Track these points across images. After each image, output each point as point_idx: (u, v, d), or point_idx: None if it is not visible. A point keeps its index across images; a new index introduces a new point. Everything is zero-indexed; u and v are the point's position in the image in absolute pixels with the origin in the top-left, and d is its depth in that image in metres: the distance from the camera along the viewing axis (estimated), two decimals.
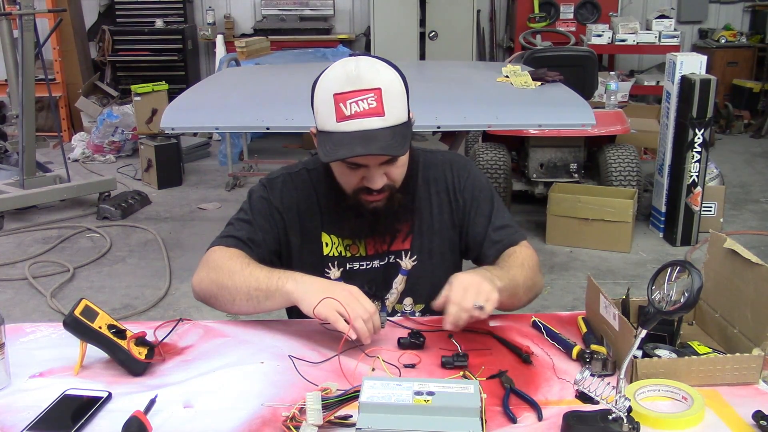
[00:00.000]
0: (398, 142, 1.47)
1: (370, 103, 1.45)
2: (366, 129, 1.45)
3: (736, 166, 6.11)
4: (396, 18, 6.90)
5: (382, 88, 1.45)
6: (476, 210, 1.70)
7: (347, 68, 1.47)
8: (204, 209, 5.22)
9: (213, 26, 7.57)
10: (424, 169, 1.72)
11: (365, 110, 1.45)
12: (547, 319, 1.56)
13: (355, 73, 1.45)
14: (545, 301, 3.73)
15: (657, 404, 1.25)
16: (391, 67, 1.52)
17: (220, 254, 1.62)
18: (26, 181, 4.99)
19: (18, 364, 1.38)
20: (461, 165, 1.74)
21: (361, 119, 1.45)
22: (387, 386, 1.14)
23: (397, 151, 1.48)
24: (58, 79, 6.89)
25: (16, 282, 4.01)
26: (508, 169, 4.65)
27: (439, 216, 1.70)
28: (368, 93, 1.45)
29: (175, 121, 3.44)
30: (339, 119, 1.46)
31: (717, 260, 1.50)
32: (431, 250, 1.69)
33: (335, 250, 1.68)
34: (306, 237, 1.69)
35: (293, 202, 1.68)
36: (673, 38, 6.90)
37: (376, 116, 1.45)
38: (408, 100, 1.54)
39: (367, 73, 1.46)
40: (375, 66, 1.49)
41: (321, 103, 1.50)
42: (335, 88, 1.46)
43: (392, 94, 1.47)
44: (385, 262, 1.68)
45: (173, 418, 1.23)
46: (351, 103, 1.45)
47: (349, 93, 1.45)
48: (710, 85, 4.19)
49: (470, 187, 1.71)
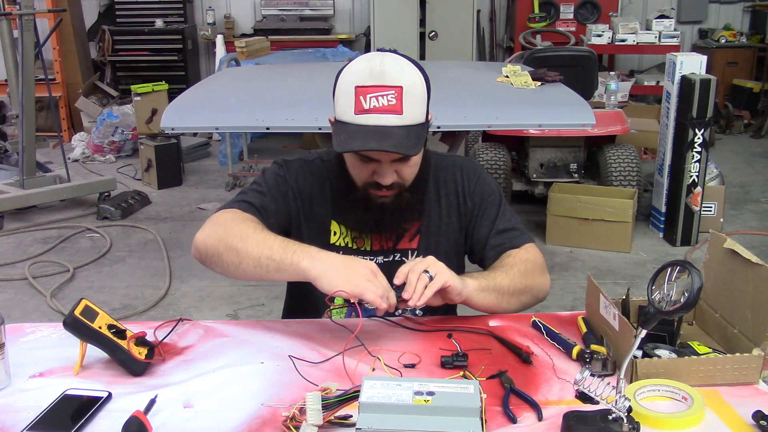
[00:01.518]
0: (412, 142, 1.49)
1: (389, 100, 1.47)
2: (382, 125, 1.47)
3: (736, 166, 6.11)
4: (396, 18, 6.89)
5: (403, 86, 1.47)
6: (483, 214, 1.72)
7: (372, 63, 1.48)
8: (204, 209, 5.22)
9: (213, 26, 7.57)
10: (435, 172, 1.74)
11: (384, 106, 1.47)
12: (547, 319, 1.56)
13: (379, 69, 1.47)
14: (545, 301, 3.72)
15: (657, 404, 1.25)
16: (416, 67, 1.54)
17: (233, 215, 1.58)
18: (26, 181, 4.99)
19: (18, 364, 1.38)
20: (471, 169, 1.76)
21: (378, 114, 1.47)
22: (387, 386, 1.14)
23: (410, 150, 1.49)
24: (58, 79, 6.89)
25: (16, 282, 4.01)
26: (508, 169, 4.65)
27: (447, 218, 1.72)
28: (389, 90, 1.46)
29: (175, 121, 3.44)
30: (357, 111, 1.48)
31: (717, 260, 1.50)
32: (437, 252, 1.69)
33: (342, 240, 1.70)
34: (315, 223, 1.70)
35: (307, 185, 1.70)
36: (673, 38, 6.90)
37: (393, 113, 1.47)
38: (429, 101, 1.56)
39: (391, 70, 1.48)
40: (399, 64, 1.50)
41: (342, 94, 1.51)
42: (358, 80, 1.48)
43: (413, 94, 1.49)
44: (390, 260, 1.69)
45: (173, 418, 1.23)
46: (371, 97, 1.47)
47: (371, 87, 1.47)
48: (710, 85, 4.19)
49: (479, 192, 1.73)
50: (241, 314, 3.61)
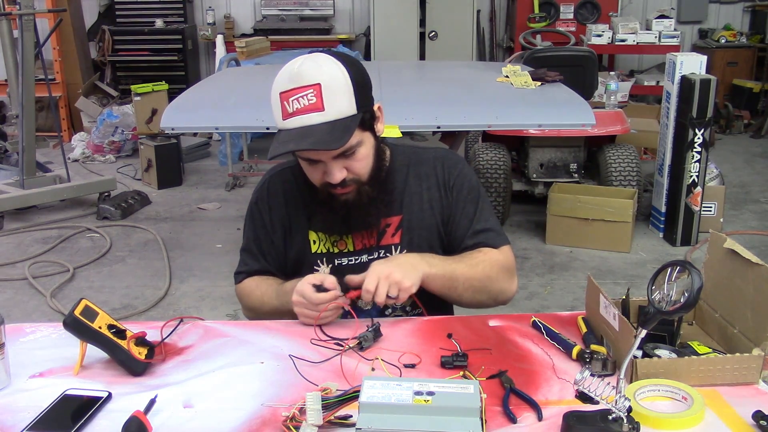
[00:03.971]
0: (336, 136, 1.47)
1: (309, 99, 1.47)
2: (306, 125, 1.47)
3: (736, 166, 6.11)
4: (396, 18, 6.90)
5: (321, 83, 1.47)
6: (461, 211, 1.71)
7: (292, 67, 1.50)
8: (204, 209, 5.22)
9: (213, 26, 7.58)
10: (416, 165, 1.73)
11: (305, 106, 1.47)
12: (547, 319, 1.56)
13: (297, 71, 1.48)
14: (545, 301, 3.74)
15: (657, 404, 1.25)
16: (340, 61, 1.52)
17: (241, 291, 1.80)
18: (26, 181, 4.99)
19: (18, 364, 1.38)
20: (453, 162, 1.75)
21: (301, 116, 1.48)
22: (387, 386, 1.14)
23: (330, 145, 1.47)
24: (58, 79, 6.88)
25: (16, 282, 4.01)
26: (508, 169, 4.65)
27: (429, 211, 1.71)
28: (307, 89, 1.47)
29: (175, 121, 3.44)
30: (284, 117, 1.50)
31: (717, 260, 1.50)
32: (420, 245, 1.70)
33: (323, 246, 1.71)
34: (295, 236, 1.73)
35: (281, 204, 1.74)
36: (673, 38, 6.90)
37: (315, 111, 1.47)
38: (361, 92, 1.53)
39: (308, 69, 1.48)
40: (317, 62, 1.50)
41: (272, 103, 1.53)
42: (280, 86, 1.50)
43: (333, 88, 1.48)
44: (374, 257, 1.68)
45: (173, 418, 1.23)
46: (293, 100, 1.48)
47: (291, 91, 1.48)
48: (710, 85, 4.19)
49: (459, 186, 1.72)
50: (241, 314, 3.60)
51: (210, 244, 4.50)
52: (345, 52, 1.62)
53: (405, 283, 1.50)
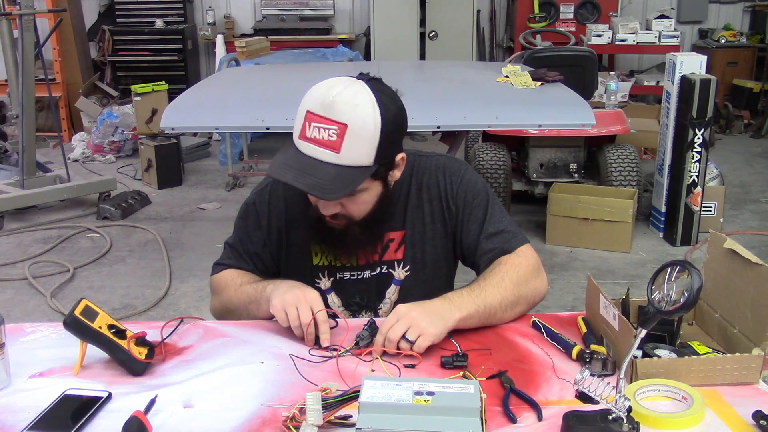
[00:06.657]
0: (337, 185, 1.41)
1: (330, 136, 1.40)
2: (316, 158, 1.41)
3: (736, 166, 6.11)
4: (396, 18, 6.89)
5: (348, 125, 1.39)
6: (469, 217, 1.65)
7: (330, 91, 1.42)
8: (204, 209, 5.22)
9: (213, 26, 7.57)
10: (418, 175, 1.67)
11: (323, 140, 1.40)
12: (547, 319, 1.56)
13: (331, 100, 1.40)
14: (545, 301, 3.68)
15: (657, 404, 1.25)
16: (380, 104, 1.43)
17: (217, 281, 1.74)
18: (26, 181, 4.99)
19: (18, 364, 1.38)
20: (454, 170, 1.68)
21: (315, 147, 1.41)
22: (387, 386, 1.14)
23: (327, 194, 1.42)
24: (58, 79, 6.88)
25: (16, 282, 4.01)
26: (508, 169, 4.65)
27: (431, 225, 1.67)
28: (333, 125, 1.39)
29: (175, 121, 3.44)
30: (300, 136, 1.44)
31: (717, 260, 1.50)
32: (424, 260, 1.67)
33: (325, 259, 1.67)
34: (295, 246, 1.68)
35: (282, 208, 1.69)
36: (673, 38, 6.90)
37: (330, 150, 1.40)
38: (386, 144, 1.44)
39: (343, 104, 1.40)
40: (356, 98, 1.41)
41: (299, 111, 1.46)
42: (310, 105, 1.43)
43: (359, 134, 1.41)
44: (377, 273, 1.67)
45: (173, 418, 1.23)
46: (315, 126, 1.41)
47: (318, 117, 1.41)
48: (710, 85, 4.19)
49: (463, 194, 1.65)
50: None
51: (210, 244, 4.49)
52: (389, 89, 1.50)
53: (430, 329, 1.39)
